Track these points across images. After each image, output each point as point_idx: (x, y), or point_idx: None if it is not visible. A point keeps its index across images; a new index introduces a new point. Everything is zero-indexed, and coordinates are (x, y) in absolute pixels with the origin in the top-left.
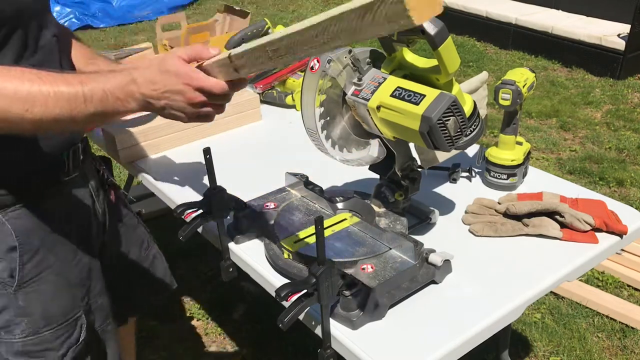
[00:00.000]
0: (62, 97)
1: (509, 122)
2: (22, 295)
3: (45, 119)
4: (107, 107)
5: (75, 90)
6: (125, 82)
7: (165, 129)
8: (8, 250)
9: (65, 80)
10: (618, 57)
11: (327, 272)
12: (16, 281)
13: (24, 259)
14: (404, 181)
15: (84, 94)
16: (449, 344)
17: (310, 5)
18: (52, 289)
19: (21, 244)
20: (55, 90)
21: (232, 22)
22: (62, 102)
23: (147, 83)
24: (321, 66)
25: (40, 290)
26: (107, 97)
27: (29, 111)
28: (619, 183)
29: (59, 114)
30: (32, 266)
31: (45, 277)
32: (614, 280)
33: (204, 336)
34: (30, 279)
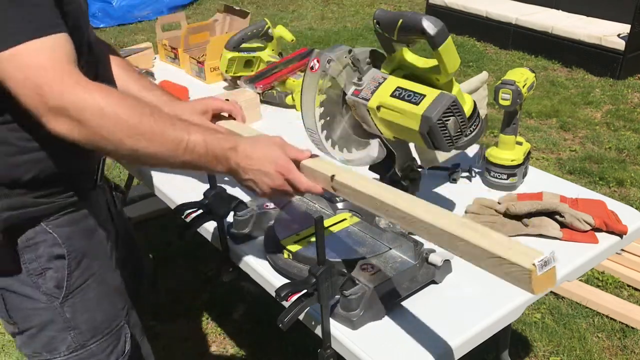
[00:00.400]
0: (168, 138)
1: (509, 122)
2: (69, 307)
3: (145, 152)
4: (201, 162)
5: (182, 137)
6: (227, 146)
7: None
8: (55, 258)
9: (173, 124)
10: (618, 57)
11: (327, 272)
12: (64, 291)
13: (72, 266)
14: (404, 181)
15: (187, 143)
16: (449, 344)
17: (310, 6)
18: (97, 297)
19: (69, 251)
20: (164, 130)
21: (232, 22)
22: (166, 144)
23: (245, 156)
24: (321, 66)
25: (86, 299)
26: (206, 153)
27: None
28: (619, 183)
29: (158, 152)
30: (79, 274)
31: (90, 284)
32: (614, 280)
33: (204, 336)
34: (77, 287)
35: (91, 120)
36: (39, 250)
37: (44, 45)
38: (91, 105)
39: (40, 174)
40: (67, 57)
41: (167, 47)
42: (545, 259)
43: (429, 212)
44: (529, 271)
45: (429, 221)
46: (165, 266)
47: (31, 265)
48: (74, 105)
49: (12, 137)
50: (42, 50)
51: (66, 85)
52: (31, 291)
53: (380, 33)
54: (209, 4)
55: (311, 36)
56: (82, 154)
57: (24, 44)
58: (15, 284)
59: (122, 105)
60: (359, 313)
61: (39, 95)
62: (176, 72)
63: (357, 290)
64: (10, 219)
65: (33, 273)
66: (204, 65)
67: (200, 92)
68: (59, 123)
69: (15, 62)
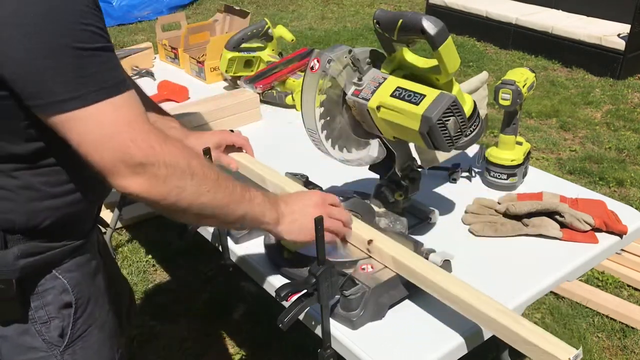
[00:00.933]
0: (236, 190)
1: (509, 122)
2: (70, 355)
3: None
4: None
5: (245, 189)
6: (275, 199)
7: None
8: (63, 307)
9: (232, 181)
10: (618, 57)
11: (327, 272)
12: (66, 340)
13: (78, 314)
14: (404, 181)
15: (250, 195)
16: (449, 343)
17: (310, 6)
18: (97, 343)
19: (76, 298)
20: (231, 184)
21: (232, 22)
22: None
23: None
24: (321, 66)
25: (87, 346)
26: (262, 202)
27: (209, 196)
28: (619, 183)
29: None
30: (83, 321)
31: (91, 331)
32: (614, 280)
33: (204, 336)
34: (80, 335)
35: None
36: (47, 298)
37: (125, 101)
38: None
39: (58, 221)
40: (144, 113)
41: (167, 47)
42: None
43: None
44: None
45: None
46: (166, 266)
47: (37, 313)
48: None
49: (36, 182)
50: (124, 106)
51: (152, 143)
52: (31, 340)
53: (380, 33)
54: (209, 4)
55: (311, 36)
56: (96, 197)
57: (107, 100)
58: (14, 333)
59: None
60: (359, 313)
61: (122, 153)
62: (176, 72)
63: (357, 290)
64: (26, 267)
65: (38, 321)
66: (204, 65)
67: (200, 92)
68: (136, 180)
69: (97, 119)
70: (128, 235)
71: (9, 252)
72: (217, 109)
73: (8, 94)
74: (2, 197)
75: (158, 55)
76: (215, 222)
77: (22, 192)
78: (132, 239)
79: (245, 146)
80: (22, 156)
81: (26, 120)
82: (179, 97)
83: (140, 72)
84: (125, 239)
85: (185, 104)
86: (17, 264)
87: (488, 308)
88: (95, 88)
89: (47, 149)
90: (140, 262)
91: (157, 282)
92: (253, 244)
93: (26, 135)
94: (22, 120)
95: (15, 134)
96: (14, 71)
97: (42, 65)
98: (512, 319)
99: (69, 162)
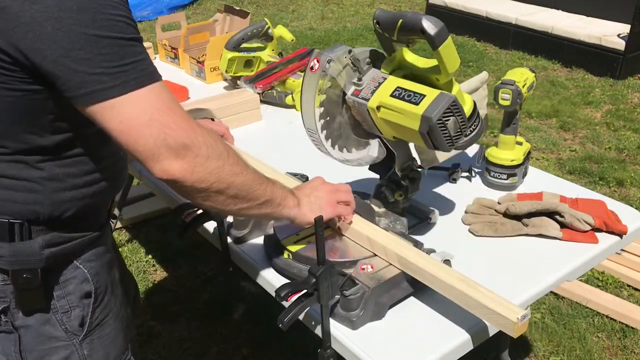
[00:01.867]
0: (261, 176)
1: (509, 122)
2: (88, 344)
3: (246, 191)
4: (277, 196)
5: (265, 177)
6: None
7: None
8: (83, 296)
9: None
10: (618, 57)
11: (327, 272)
12: (85, 329)
13: (96, 303)
14: (404, 181)
15: (273, 181)
16: (449, 343)
17: (310, 6)
18: (113, 332)
19: (96, 287)
20: (256, 170)
21: (232, 22)
22: (260, 180)
23: (301, 187)
24: (321, 66)
25: (103, 335)
26: (282, 188)
27: (241, 180)
28: (619, 183)
29: (256, 191)
30: (100, 310)
31: (107, 320)
32: (614, 280)
33: (204, 336)
34: (97, 324)
35: (215, 161)
36: (69, 287)
37: (162, 88)
38: (215, 146)
39: (79, 212)
40: (177, 99)
41: (167, 47)
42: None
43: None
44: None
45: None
46: (166, 266)
47: (59, 302)
48: (204, 144)
49: (61, 173)
50: (162, 92)
51: (192, 125)
52: (52, 330)
53: (380, 33)
54: (209, 4)
55: (311, 36)
56: (113, 188)
57: (148, 87)
58: (36, 323)
59: (227, 146)
60: (359, 313)
61: (166, 135)
62: (176, 72)
63: (357, 290)
64: (50, 257)
65: (59, 310)
66: (204, 65)
67: (200, 92)
68: (178, 163)
69: (139, 104)
70: (128, 235)
71: (34, 242)
72: (217, 109)
73: (43, 88)
74: (28, 188)
75: (158, 55)
76: (246, 206)
77: (47, 184)
78: (132, 239)
79: (226, 135)
80: (48, 148)
81: (53, 114)
82: (179, 97)
83: None
84: (125, 239)
85: (185, 104)
86: (42, 253)
87: (449, 277)
88: (135, 75)
89: (72, 141)
90: (140, 262)
91: (157, 282)
92: (253, 244)
93: (53, 128)
94: (50, 113)
95: (42, 127)
96: (55, 65)
97: (83, 57)
98: (468, 285)
99: (92, 153)
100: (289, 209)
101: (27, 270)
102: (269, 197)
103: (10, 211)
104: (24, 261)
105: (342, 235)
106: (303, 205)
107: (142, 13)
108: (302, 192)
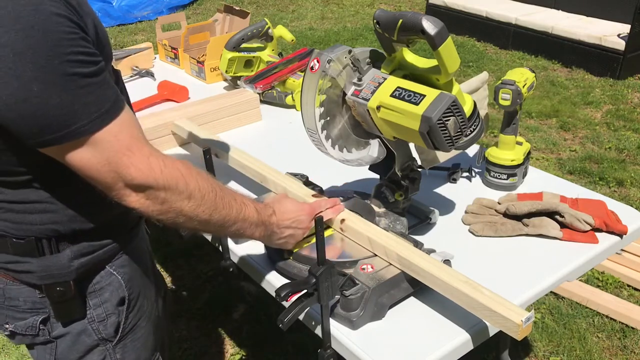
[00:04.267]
0: (232, 209)
1: (509, 122)
2: (121, 348)
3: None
4: (247, 228)
5: (241, 209)
6: (269, 213)
7: (164, 130)
8: (119, 303)
9: (234, 197)
10: (618, 57)
11: (327, 272)
12: (119, 335)
13: (130, 308)
14: (404, 181)
15: (244, 214)
16: (449, 343)
17: (310, 6)
18: (144, 335)
19: (129, 293)
20: (230, 203)
21: (232, 22)
22: (231, 214)
23: (282, 214)
24: (321, 66)
25: (135, 338)
26: (257, 222)
27: (208, 214)
28: (619, 183)
29: (224, 221)
30: (134, 315)
31: (140, 324)
32: (614, 280)
33: (204, 336)
34: (131, 329)
35: (174, 199)
36: (105, 295)
37: (122, 123)
38: (178, 187)
39: (103, 222)
40: (141, 132)
41: (167, 47)
42: (528, 317)
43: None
44: (518, 325)
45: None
46: (166, 266)
47: (96, 311)
48: (167, 183)
49: (71, 191)
50: (122, 130)
51: (152, 166)
52: (87, 339)
53: (380, 33)
54: (209, 4)
55: (311, 36)
56: None
57: (106, 128)
58: (73, 332)
59: (200, 184)
60: (359, 313)
61: (123, 175)
62: (176, 72)
63: (357, 290)
64: (81, 266)
65: (96, 320)
66: (204, 65)
67: (200, 92)
68: (136, 197)
69: (96, 146)
70: None
71: (62, 254)
72: (217, 109)
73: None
74: (44, 210)
75: (158, 55)
76: (211, 233)
77: (59, 203)
78: None
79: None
80: (55, 170)
81: None
82: (179, 97)
83: (140, 72)
84: None
85: (185, 104)
86: (71, 265)
87: (451, 279)
88: (93, 116)
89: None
90: None
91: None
92: (253, 244)
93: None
94: None
95: (51, 158)
96: (10, 114)
97: (38, 102)
98: (471, 287)
99: None
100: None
101: (59, 284)
102: (234, 231)
103: (33, 232)
104: (54, 275)
105: (343, 235)
106: (272, 241)
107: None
108: (282, 222)
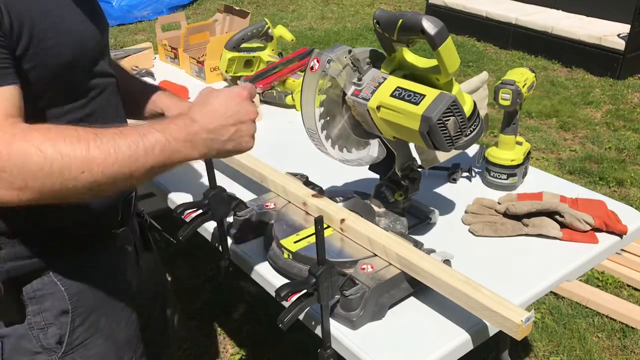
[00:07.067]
0: (120, 153)
1: (509, 122)
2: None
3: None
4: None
5: (136, 141)
6: (183, 124)
7: None
8: (60, 314)
9: (123, 135)
10: (618, 57)
11: (327, 272)
12: (64, 347)
13: (76, 323)
14: (404, 181)
15: (144, 147)
16: (449, 343)
17: (310, 5)
18: (101, 352)
19: (74, 307)
20: (115, 146)
21: (232, 22)
22: (121, 159)
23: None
24: (321, 66)
25: (88, 355)
26: (169, 145)
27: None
28: (619, 183)
29: (117, 171)
30: (83, 330)
31: (94, 341)
32: (614, 280)
33: (204, 336)
34: (80, 343)
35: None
36: (45, 304)
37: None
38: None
39: (47, 229)
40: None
41: (167, 47)
42: (528, 317)
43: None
44: (518, 325)
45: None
46: (166, 266)
47: (34, 318)
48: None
49: None
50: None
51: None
52: (29, 344)
53: (380, 33)
54: (209, 4)
55: (311, 36)
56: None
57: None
58: (14, 334)
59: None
60: (359, 313)
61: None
62: (176, 72)
63: (357, 290)
64: (13, 270)
65: (35, 327)
66: (204, 65)
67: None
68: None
69: None
70: None
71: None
72: None
73: None
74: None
75: (158, 55)
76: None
77: None
78: None
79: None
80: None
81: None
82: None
83: (140, 72)
84: None
85: None
86: (2, 267)
87: (451, 279)
88: None
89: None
90: None
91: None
92: (253, 244)
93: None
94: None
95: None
96: None
97: None
98: (471, 287)
99: None
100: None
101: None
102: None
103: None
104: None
105: (343, 235)
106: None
107: (142, 13)
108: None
